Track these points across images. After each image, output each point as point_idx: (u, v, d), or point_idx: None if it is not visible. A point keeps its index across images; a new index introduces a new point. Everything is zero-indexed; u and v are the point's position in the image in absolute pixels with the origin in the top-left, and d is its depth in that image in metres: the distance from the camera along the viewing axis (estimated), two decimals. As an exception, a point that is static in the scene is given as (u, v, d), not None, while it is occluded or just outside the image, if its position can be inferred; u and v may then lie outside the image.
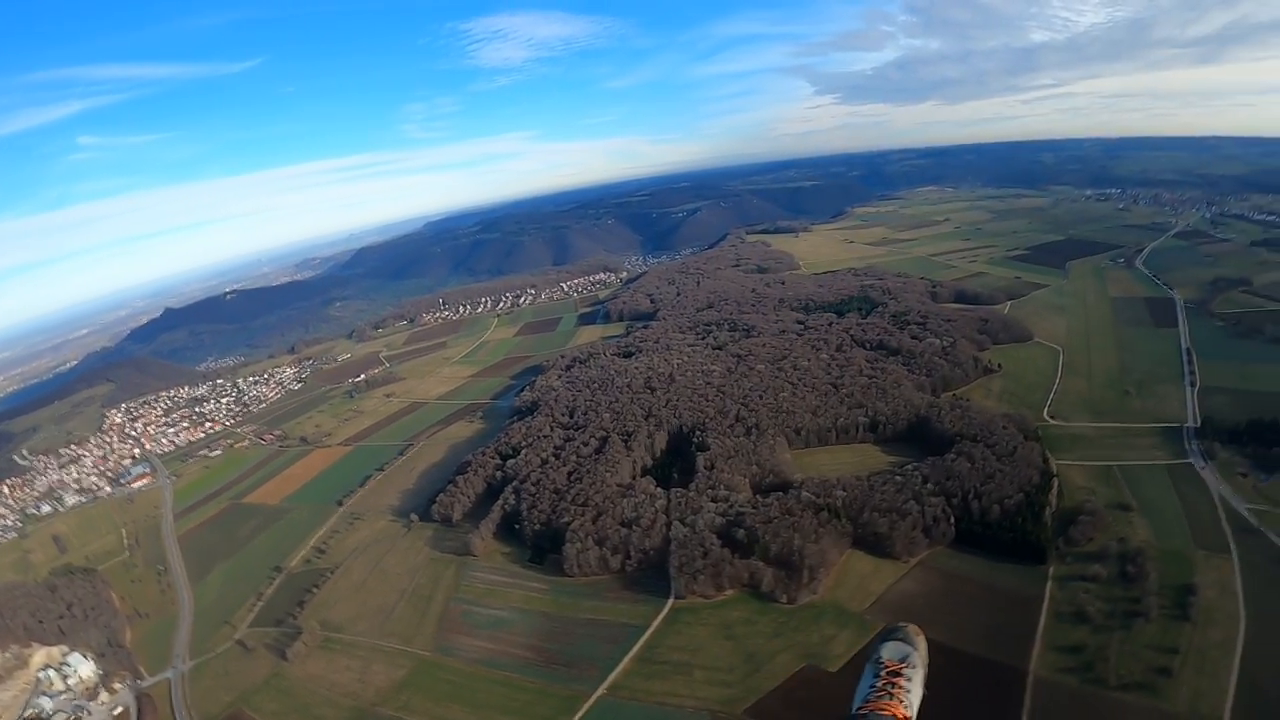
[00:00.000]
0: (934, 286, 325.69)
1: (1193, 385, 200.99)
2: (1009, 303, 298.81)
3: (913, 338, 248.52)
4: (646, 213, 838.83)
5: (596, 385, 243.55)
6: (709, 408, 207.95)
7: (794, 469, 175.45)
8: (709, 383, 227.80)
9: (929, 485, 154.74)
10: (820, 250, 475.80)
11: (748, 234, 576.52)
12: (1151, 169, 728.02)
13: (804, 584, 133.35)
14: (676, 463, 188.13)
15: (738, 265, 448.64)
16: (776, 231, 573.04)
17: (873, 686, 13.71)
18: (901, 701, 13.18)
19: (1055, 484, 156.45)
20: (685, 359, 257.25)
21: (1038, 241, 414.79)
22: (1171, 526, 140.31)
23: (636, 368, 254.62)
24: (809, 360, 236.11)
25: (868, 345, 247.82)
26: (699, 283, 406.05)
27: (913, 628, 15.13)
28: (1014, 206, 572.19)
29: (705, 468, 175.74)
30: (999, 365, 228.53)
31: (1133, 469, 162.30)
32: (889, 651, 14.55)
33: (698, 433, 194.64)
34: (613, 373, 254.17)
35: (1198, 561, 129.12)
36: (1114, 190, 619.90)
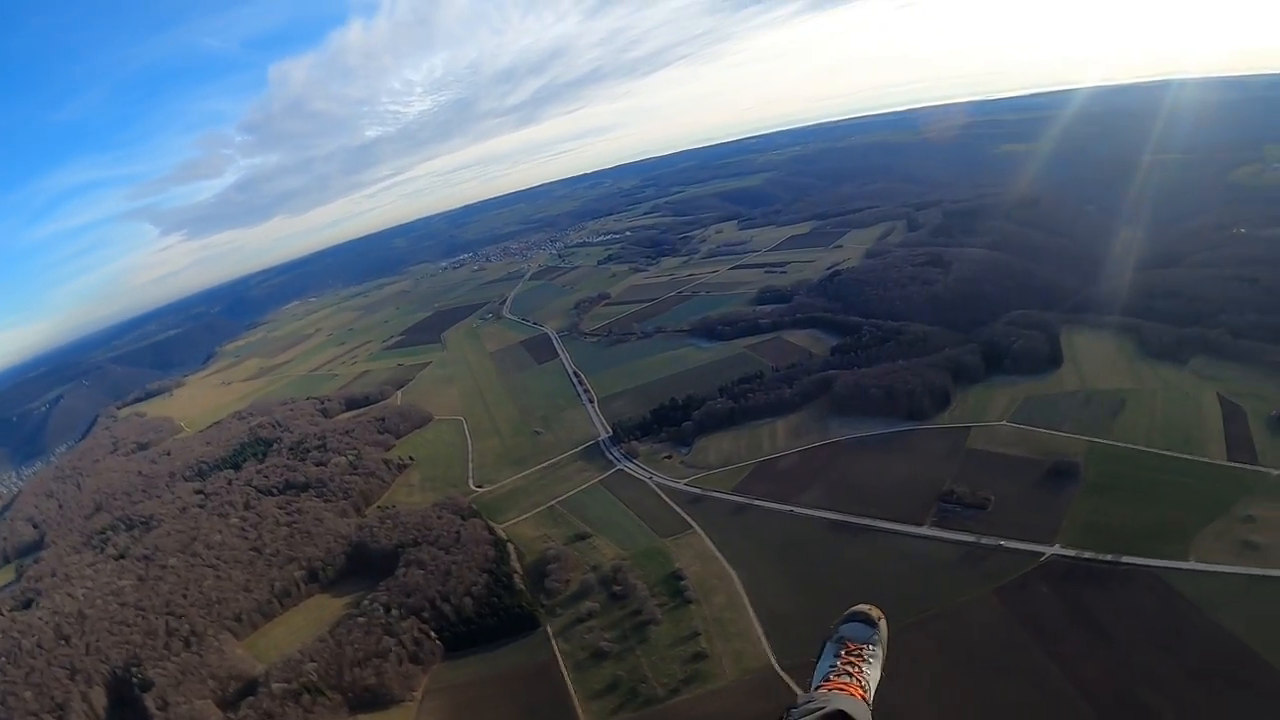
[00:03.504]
0: (323, 403, 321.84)
1: (591, 402, 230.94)
2: (399, 392, 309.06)
3: (317, 464, 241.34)
4: (4, 419, 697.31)
5: (4, 659, 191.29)
6: (134, 634, 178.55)
7: (252, 662, 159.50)
8: (124, 603, 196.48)
9: (394, 611, 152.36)
10: (199, 403, 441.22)
11: (120, 409, 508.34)
12: (496, 226, 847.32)
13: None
14: (126, 717, 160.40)
15: (116, 450, 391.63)
16: (149, 397, 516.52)
17: (833, 666, 13.81)
18: (860, 683, 13.28)
19: (511, 548, 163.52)
20: (91, 585, 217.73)
21: (409, 324, 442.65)
22: (632, 531, 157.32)
23: (41, 618, 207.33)
24: (220, 533, 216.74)
25: (275, 491, 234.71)
26: (79, 485, 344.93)
27: (875, 610, 14.86)
28: (379, 298, 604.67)
29: (158, 708, 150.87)
30: (410, 458, 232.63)
31: (573, 499, 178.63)
32: (851, 632, 14.51)
33: (134, 670, 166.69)
34: (16, 635, 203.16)
35: (670, 549, 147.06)
36: (467, 255, 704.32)
